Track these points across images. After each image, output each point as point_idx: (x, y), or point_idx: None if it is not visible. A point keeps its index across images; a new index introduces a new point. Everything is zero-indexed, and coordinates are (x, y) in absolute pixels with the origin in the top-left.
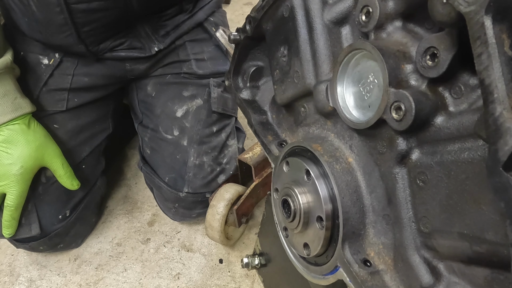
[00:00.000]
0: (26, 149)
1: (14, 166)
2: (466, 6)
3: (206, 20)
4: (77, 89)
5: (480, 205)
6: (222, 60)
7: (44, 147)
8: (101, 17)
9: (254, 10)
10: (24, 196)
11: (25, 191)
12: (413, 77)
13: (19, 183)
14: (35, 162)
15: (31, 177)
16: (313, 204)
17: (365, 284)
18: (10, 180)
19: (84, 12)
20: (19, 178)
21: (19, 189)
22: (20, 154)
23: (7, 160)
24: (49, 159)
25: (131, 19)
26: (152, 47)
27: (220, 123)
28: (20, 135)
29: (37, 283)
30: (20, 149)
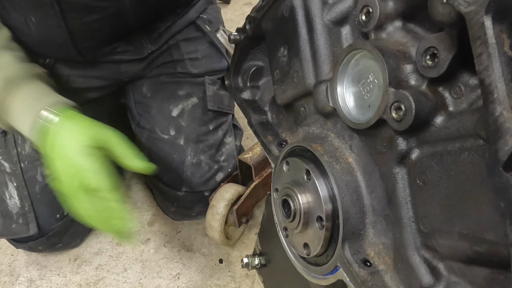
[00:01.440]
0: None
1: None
2: (466, 6)
3: (199, 18)
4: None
5: (480, 205)
6: (216, 57)
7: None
8: (99, 33)
9: (254, 10)
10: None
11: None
12: (413, 77)
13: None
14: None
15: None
16: (313, 204)
17: (365, 284)
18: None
19: (83, 31)
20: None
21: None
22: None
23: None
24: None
25: (128, 30)
26: (145, 49)
27: (216, 120)
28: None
29: (37, 283)
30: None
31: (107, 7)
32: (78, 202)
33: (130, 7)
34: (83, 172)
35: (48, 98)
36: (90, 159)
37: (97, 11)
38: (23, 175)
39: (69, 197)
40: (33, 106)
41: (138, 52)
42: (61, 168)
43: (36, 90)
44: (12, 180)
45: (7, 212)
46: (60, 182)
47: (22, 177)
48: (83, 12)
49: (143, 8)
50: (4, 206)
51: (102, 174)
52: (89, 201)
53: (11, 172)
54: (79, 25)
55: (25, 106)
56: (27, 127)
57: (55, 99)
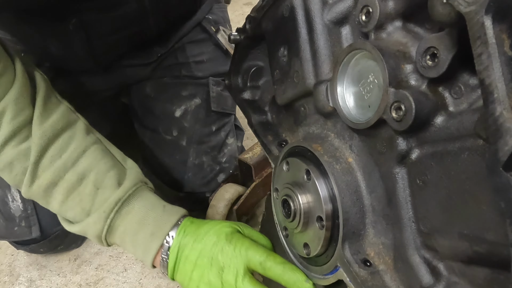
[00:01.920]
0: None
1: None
2: (466, 6)
3: (205, 19)
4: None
5: (480, 205)
6: (222, 60)
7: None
8: (120, 48)
9: (254, 10)
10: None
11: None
12: (413, 77)
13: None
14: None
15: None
16: (313, 204)
17: (365, 284)
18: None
19: (105, 48)
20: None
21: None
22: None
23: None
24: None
25: (146, 41)
26: (154, 53)
27: (219, 121)
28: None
29: (37, 283)
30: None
31: (131, 28)
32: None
33: (154, 25)
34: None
35: (166, 216)
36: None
37: (122, 32)
38: None
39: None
40: (153, 230)
41: (147, 57)
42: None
43: (148, 209)
44: None
45: (9, 214)
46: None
47: None
48: (109, 34)
49: (165, 22)
50: (7, 209)
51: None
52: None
53: None
54: (101, 44)
55: (142, 230)
56: (148, 254)
57: (175, 215)
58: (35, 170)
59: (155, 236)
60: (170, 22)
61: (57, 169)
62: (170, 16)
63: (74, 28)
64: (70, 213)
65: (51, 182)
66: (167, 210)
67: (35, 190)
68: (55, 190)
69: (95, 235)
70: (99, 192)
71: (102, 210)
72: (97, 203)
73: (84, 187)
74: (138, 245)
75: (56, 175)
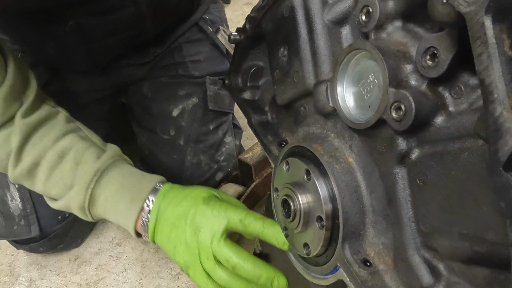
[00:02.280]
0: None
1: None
2: (466, 6)
3: (201, 19)
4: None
5: (480, 205)
6: (219, 59)
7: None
8: (117, 50)
9: (254, 10)
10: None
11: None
12: (413, 77)
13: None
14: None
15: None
16: (313, 204)
17: (365, 284)
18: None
19: (102, 50)
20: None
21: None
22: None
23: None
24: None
25: (143, 42)
26: (151, 53)
27: (216, 120)
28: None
29: (37, 283)
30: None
31: (129, 31)
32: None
33: (151, 28)
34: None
35: (145, 182)
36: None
37: (119, 34)
38: None
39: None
40: (132, 195)
41: (144, 57)
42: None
43: (126, 177)
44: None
45: (8, 213)
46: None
47: None
48: (106, 37)
49: (162, 25)
50: (6, 208)
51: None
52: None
53: None
54: (98, 47)
55: (122, 197)
56: (130, 218)
57: (153, 180)
58: (19, 155)
59: (135, 201)
60: (167, 24)
61: (38, 150)
62: (168, 19)
63: (71, 31)
64: (54, 190)
65: (34, 162)
66: (145, 177)
67: (18, 172)
68: (38, 169)
69: (78, 207)
70: (79, 167)
71: (83, 181)
72: (77, 177)
73: (64, 164)
74: (120, 212)
75: (38, 155)
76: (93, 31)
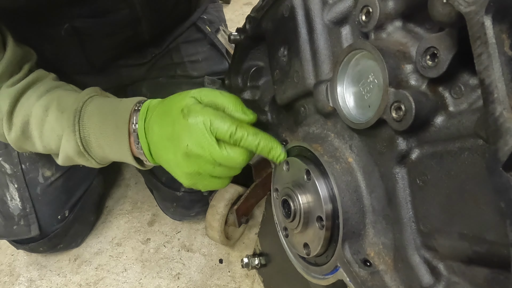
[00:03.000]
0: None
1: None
2: (466, 6)
3: (200, 19)
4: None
5: (480, 205)
6: (217, 59)
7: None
8: (114, 51)
9: (254, 10)
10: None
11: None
12: (413, 77)
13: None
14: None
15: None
16: (313, 204)
17: (365, 284)
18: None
19: (99, 52)
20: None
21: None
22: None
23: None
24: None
25: (140, 43)
26: (148, 53)
27: None
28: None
29: (37, 283)
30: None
31: (125, 33)
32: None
33: (147, 30)
34: (215, 123)
35: (123, 106)
36: (207, 109)
37: (115, 37)
38: (24, 176)
39: (216, 156)
40: (116, 122)
41: (142, 57)
42: (188, 137)
43: (105, 107)
44: (13, 182)
45: (8, 213)
46: (191, 154)
47: (23, 179)
48: (102, 39)
49: (158, 27)
50: (5, 208)
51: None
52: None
53: (12, 174)
54: (94, 48)
55: (108, 128)
56: (123, 146)
57: (131, 101)
58: (10, 119)
59: (119, 127)
60: (164, 26)
61: (25, 110)
62: (164, 20)
63: (66, 33)
64: (52, 144)
65: (23, 122)
66: (123, 101)
67: (13, 136)
68: (29, 128)
69: (77, 155)
70: (64, 115)
71: (67, 126)
72: (63, 124)
73: (51, 116)
74: (112, 144)
75: (25, 114)
76: (89, 34)
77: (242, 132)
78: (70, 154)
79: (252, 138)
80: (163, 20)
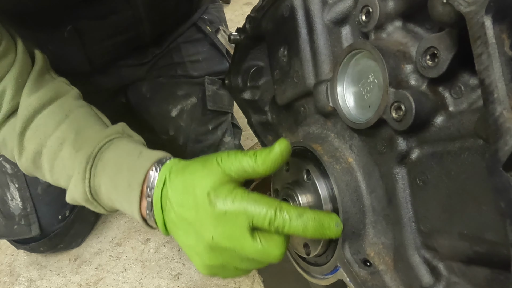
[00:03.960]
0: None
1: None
2: (466, 6)
3: (200, 19)
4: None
5: (480, 205)
6: (217, 59)
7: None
8: (115, 52)
9: (254, 10)
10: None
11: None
12: (413, 77)
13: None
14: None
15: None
16: (313, 204)
17: (365, 284)
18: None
19: (100, 53)
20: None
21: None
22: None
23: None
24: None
25: (141, 44)
26: (149, 53)
27: (216, 120)
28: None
29: (37, 283)
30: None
31: (127, 34)
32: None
33: (149, 31)
34: (246, 213)
35: (140, 162)
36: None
37: (117, 38)
38: (25, 176)
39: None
40: (129, 180)
41: (142, 57)
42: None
43: (122, 157)
44: (14, 181)
45: (9, 213)
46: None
47: (24, 178)
48: (104, 40)
49: (160, 27)
50: (6, 208)
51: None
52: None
53: (12, 173)
54: (96, 50)
55: (120, 183)
56: (132, 207)
57: (150, 159)
58: (21, 141)
59: (132, 187)
60: (166, 26)
61: (39, 137)
62: (166, 21)
63: (69, 34)
64: (61, 181)
65: (36, 151)
66: (143, 156)
67: (24, 162)
68: (41, 159)
69: (83, 200)
70: (78, 156)
71: (77, 171)
72: (75, 166)
73: (65, 151)
74: (122, 202)
75: (39, 143)
76: (91, 35)
77: (283, 215)
78: (77, 199)
79: (297, 222)
80: (165, 21)
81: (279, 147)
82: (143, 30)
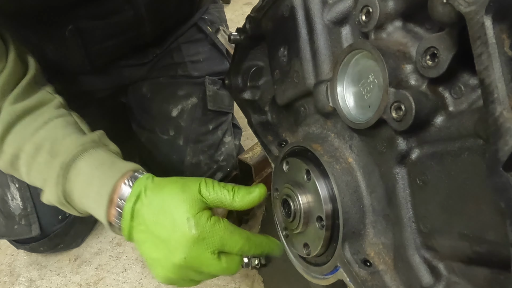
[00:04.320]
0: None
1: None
2: (466, 6)
3: (201, 19)
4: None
5: (480, 205)
6: (218, 59)
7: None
8: (116, 52)
9: (254, 10)
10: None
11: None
12: (413, 77)
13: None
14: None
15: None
16: (313, 204)
17: (365, 284)
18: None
19: (101, 53)
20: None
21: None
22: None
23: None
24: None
25: (142, 44)
26: (150, 53)
27: (216, 120)
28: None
29: (37, 283)
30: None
31: (128, 34)
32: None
33: (150, 31)
34: (215, 238)
35: (112, 173)
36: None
37: (118, 37)
38: None
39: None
40: (98, 189)
41: (143, 57)
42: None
43: (95, 167)
44: (14, 181)
45: (9, 213)
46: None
47: None
48: (105, 39)
49: (161, 28)
50: (6, 207)
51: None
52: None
53: None
54: (97, 49)
55: (90, 191)
56: (100, 212)
57: (120, 170)
58: (1, 145)
59: (101, 195)
60: (167, 26)
61: (18, 141)
62: (167, 21)
63: (70, 34)
64: (37, 183)
65: (13, 155)
66: (115, 167)
67: (2, 164)
68: (18, 162)
69: (57, 203)
70: (53, 162)
71: (51, 177)
72: (50, 172)
73: (40, 157)
74: (91, 207)
75: (16, 147)
76: (92, 35)
77: (249, 246)
78: (51, 201)
79: (257, 249)
80: (166, 21)
81: (259, 191)
82: (144, 30)
